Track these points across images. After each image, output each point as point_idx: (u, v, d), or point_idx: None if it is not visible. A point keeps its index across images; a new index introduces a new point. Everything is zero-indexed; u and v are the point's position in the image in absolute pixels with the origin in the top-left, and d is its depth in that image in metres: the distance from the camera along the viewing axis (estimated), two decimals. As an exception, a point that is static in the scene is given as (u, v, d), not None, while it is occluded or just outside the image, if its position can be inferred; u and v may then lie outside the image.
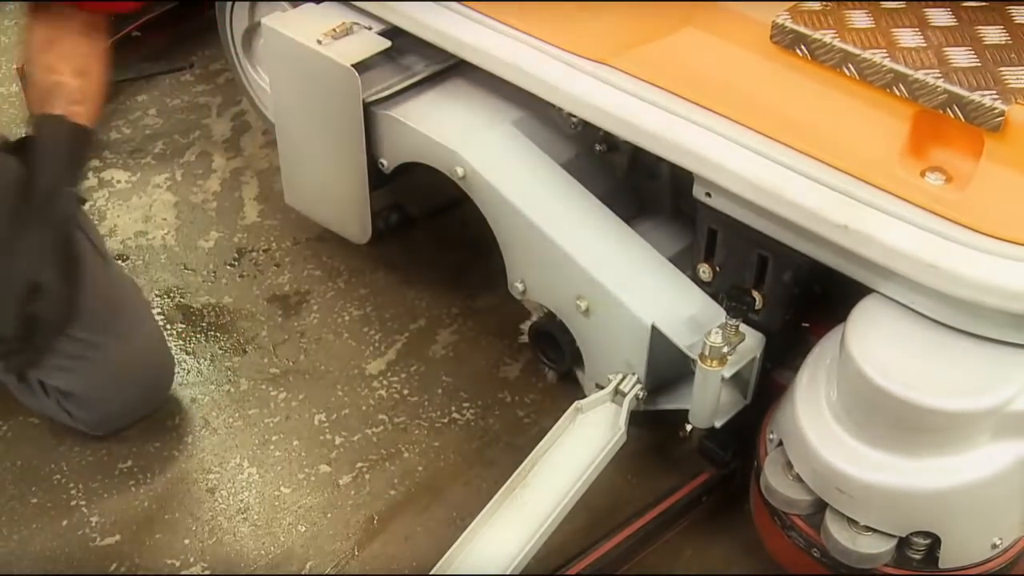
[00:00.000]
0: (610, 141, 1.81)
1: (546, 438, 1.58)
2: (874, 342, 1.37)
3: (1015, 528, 1.43)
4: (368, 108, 1.84)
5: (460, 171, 1.77)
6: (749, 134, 1.47)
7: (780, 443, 1.49)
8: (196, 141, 2.47)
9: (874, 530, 1.41)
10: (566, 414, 1.62)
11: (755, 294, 1.60)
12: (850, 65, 1.44)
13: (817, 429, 1.41)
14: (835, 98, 1.47)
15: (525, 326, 1.89)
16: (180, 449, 1.85)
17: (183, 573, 1.66)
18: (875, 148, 1.42)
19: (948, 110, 1.38)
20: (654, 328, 1.59)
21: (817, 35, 1.45)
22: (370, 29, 1.86)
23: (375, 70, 1.87)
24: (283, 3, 2.11)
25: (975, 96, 1.36)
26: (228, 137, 2.48)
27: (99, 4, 1.58)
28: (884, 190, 1.40)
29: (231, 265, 2.17)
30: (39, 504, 1.75)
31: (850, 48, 1.44)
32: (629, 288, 1.64)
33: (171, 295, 2.13)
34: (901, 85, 1.40)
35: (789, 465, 1.46)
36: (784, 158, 1.45)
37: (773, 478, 1.48)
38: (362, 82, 1.80)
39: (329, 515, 1.74)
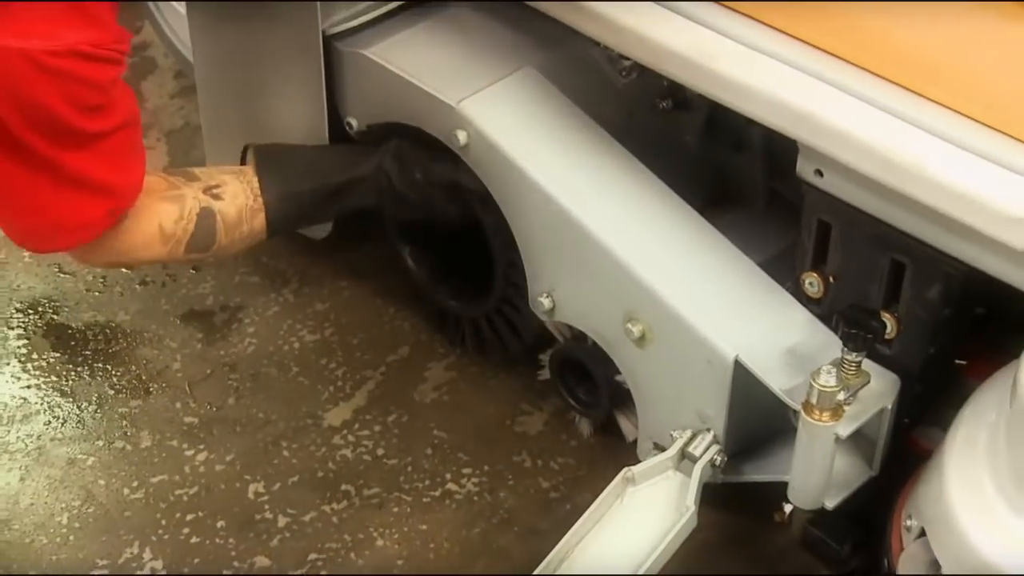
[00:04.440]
0: (678, 95, 1.66)
1: (581, 521, 1.44)
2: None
3: None
4: (330, 43, 1.69)
5: (462, 137, 1.57)
6: (879, 85, 1.30)
7: (922, 532, 1.32)
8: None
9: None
10: (611, 486, 1.45)
11: (885, 317, 1.43)
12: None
13: (977, 512, 1.24)
14: (1012, 32, 1.31)
15: (547, 356, 1.70)
16: (49, 535, 1.66)
17: None
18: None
19: None
20: (738, 363, 1.42)
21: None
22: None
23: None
24: None
25: None
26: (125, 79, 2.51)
27: None
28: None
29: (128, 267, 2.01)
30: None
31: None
32: (703, 306, 1.47)
33: (38, 310, 1.96)
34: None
35: (935, 564, 1.29)
36: (932, 120, 1.29)
37: (913, 583, 1.33)
38: (321, 8, 1.66)
39: (269, 633, 1.59)
